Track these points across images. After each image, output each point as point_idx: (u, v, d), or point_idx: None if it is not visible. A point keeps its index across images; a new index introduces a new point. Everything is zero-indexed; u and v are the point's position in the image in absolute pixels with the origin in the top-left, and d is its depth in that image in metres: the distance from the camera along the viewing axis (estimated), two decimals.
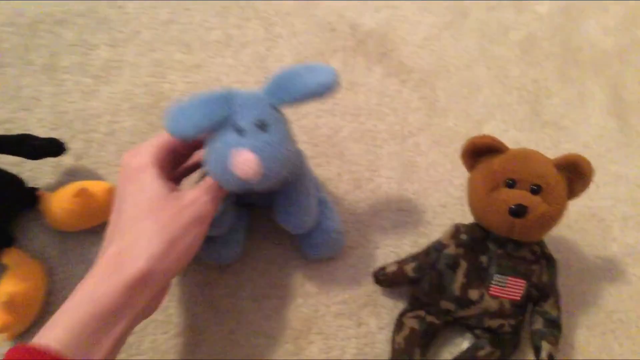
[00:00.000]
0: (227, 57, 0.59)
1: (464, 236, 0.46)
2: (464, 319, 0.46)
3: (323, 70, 0.38)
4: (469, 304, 0.44)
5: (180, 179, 0.45)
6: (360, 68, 0.61)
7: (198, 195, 0.38)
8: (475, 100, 0.61)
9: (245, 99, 0.38)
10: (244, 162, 0.36)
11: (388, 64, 0.62)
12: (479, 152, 0.45)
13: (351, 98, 0.59)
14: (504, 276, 0.44)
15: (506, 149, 0.44)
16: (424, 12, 0.66)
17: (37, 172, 0.49)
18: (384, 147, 0.57)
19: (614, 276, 0.54)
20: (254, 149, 0.36)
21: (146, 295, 0.34)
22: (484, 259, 0.45)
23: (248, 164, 0.36)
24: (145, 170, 0.37)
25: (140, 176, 0.37)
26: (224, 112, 0.37)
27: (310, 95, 0.38)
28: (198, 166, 0.45)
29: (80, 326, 0.31)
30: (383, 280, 0.48)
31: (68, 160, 0.50)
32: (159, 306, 0.40)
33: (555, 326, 0.46)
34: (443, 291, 0.45)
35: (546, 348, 0.44)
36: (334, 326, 0.48)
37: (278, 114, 0.39)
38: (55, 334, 0.31)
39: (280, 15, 0.62)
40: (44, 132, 0.50)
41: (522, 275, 0.44)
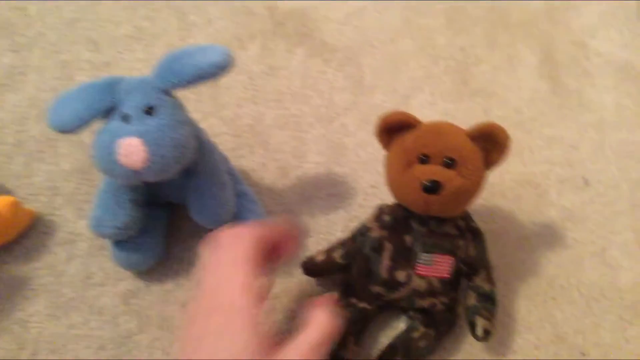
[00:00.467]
0: (138, 52, 0.56)
1: (387, 217, 0.44)
2: (396, 302, 0.44)
3: (214, 49, 0.37)
4: (398, 285, 0.43)
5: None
6: (281, 51, 0.58)
7: None
8: (402, 74, 0.60)
9: (131, 84, 0.36)
10: (127, 148, 0.34)
11: (310, 45, 0.59)
12: (393, 130, 0.43)
13: (273, 83, 0.57)
14: (429, 254, 0.43)
15: (419, 123, 0.42)
16: None
17: None
18: (310, 132, 0.55)
19: (554, 242, 0.53)
20: (139, 134, 0.34)
21: None
22: (408, 238, 0.43)
23: (131, 149, 0.34)
24: (236, 282, 0.31)
25: (231, 297, 0.31)
26: (107, 101, 0.36)
27: (202, 76, 0.36)
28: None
29: None
30: (313, 270, 0.46)
31: None
32: None
33: (489, 300, 0.44)
34: (371, 275, 0.44)
35: (480, 323, 0.43)
36: (267, 323, 0.46)
37: (168, 97, 0.37)
38: None
39: (194, 3, 0.59)
40: None
41: (448, 251, 0.43)
